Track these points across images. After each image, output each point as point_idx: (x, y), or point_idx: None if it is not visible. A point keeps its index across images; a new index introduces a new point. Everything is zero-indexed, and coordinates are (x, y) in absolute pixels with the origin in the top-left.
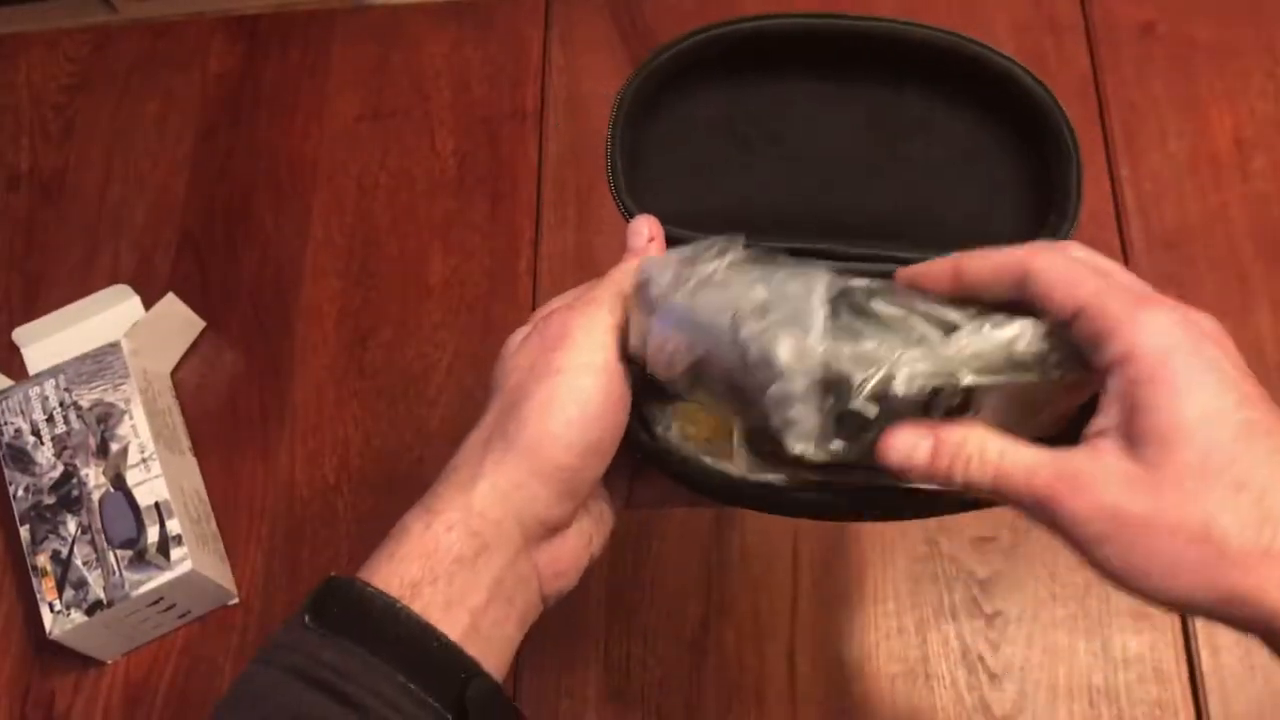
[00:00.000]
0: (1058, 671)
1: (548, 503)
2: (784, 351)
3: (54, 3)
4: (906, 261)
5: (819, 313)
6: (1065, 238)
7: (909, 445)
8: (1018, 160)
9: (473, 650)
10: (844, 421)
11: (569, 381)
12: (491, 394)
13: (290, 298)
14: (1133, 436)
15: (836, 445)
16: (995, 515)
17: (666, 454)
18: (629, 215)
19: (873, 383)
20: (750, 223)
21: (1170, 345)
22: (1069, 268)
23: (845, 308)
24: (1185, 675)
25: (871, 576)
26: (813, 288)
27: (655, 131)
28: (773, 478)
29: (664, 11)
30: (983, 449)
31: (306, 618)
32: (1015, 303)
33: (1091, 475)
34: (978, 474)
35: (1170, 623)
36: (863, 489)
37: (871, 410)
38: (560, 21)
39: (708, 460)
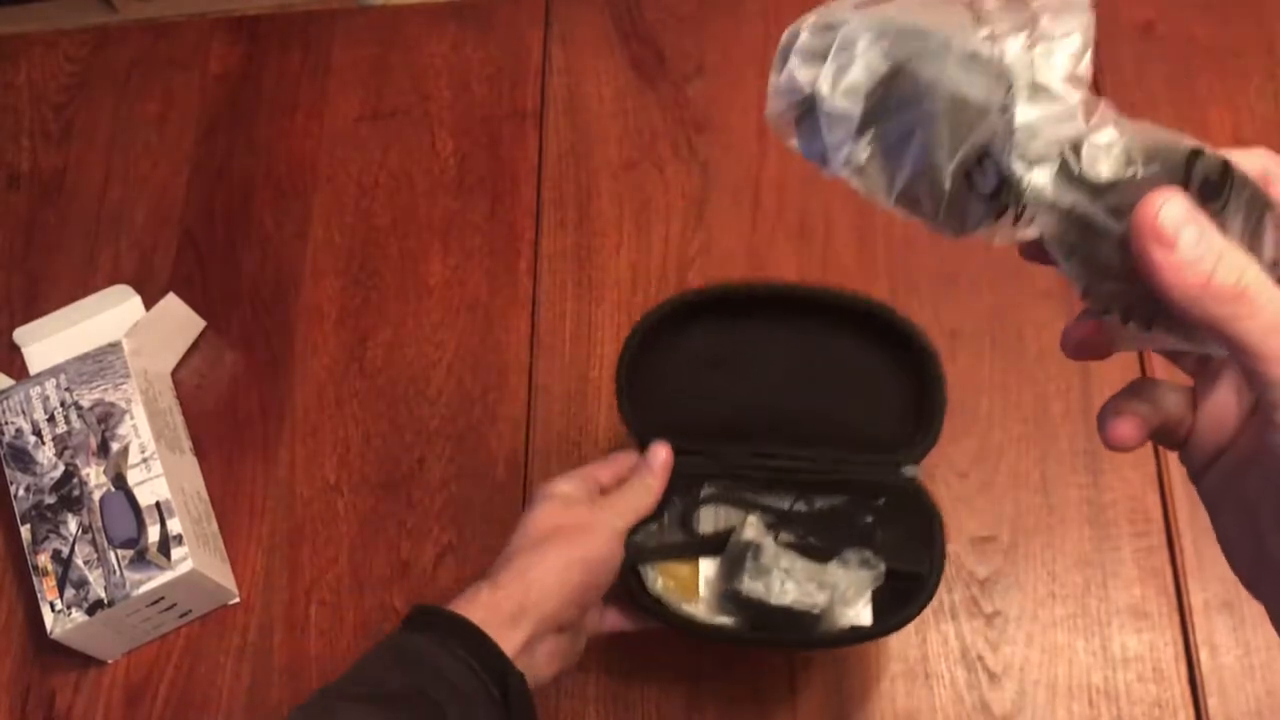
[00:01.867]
0: (1057, 671)
1: (558, 622)
2: (1049, 42)
3: (54, 3)
4: (819, 458)
5: (1086, 11)
6: (936, 436)
7: (1183, 216)
8: (901, 382)
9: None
10: (1089, 159)
11: (582, 561)
12: (522, 536)
13: (290, 298)
14: None
15: (1061, 192)
16: (996, 515)
17: (653, 600)
18: (632, 427)
19: (1147, 125)
20: (716, 425)
21: None
22: None
23: None
24: (1184, 675)
25: None
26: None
27: (651, 360)
28: (723, 620)
29: (664, 12)
30: (1255, 265)
31: (401, 626)
32: None
33: None
34: (1255, 289)
35: (1170, 622)
36: (792, 633)
37: (1139, 143)
38: (560, 21)
39: (680, 606)
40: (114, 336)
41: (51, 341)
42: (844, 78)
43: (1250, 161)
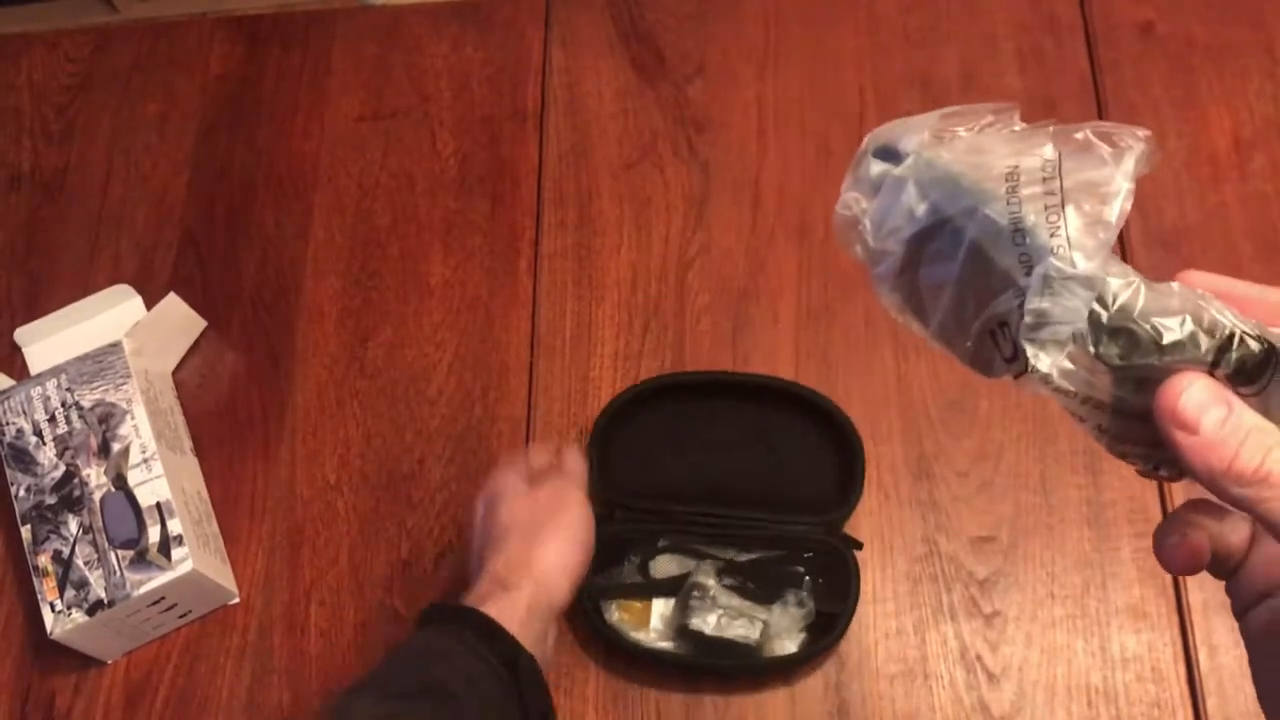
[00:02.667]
0: (1056, 671)
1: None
2: (1074, 229)
3: (55, 3)
4: (759, 517)
5: (1122, 192)
6: (857, 501)
7: (1204, 400)
8: (828, 454)
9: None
10: (1111, 339)
11: (577, 579)
12: (512, 526)
13: (291, 298)
14: None
15: (1080, 370)
16: (995, 515)
17: (609, 628)
18: (600, 493)
19: (1168, 306)
20: (672, 488)
21: None
22: None
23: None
24: (1183, 675)
25: (871, 576)
26: (1120, 166)
27: (618, 433)
28: (665, 645)
29: (664, 12)
30: (1277, 441)
31: (420, 619)
32: None
33: None
34: (1278, 466)
35: (1169, 623)
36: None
37: (1153, 332)
38: (560, 22)
39: (632, 633)
40: (114, 336)
41: (52, 341)
42: (887, 220)
43: None
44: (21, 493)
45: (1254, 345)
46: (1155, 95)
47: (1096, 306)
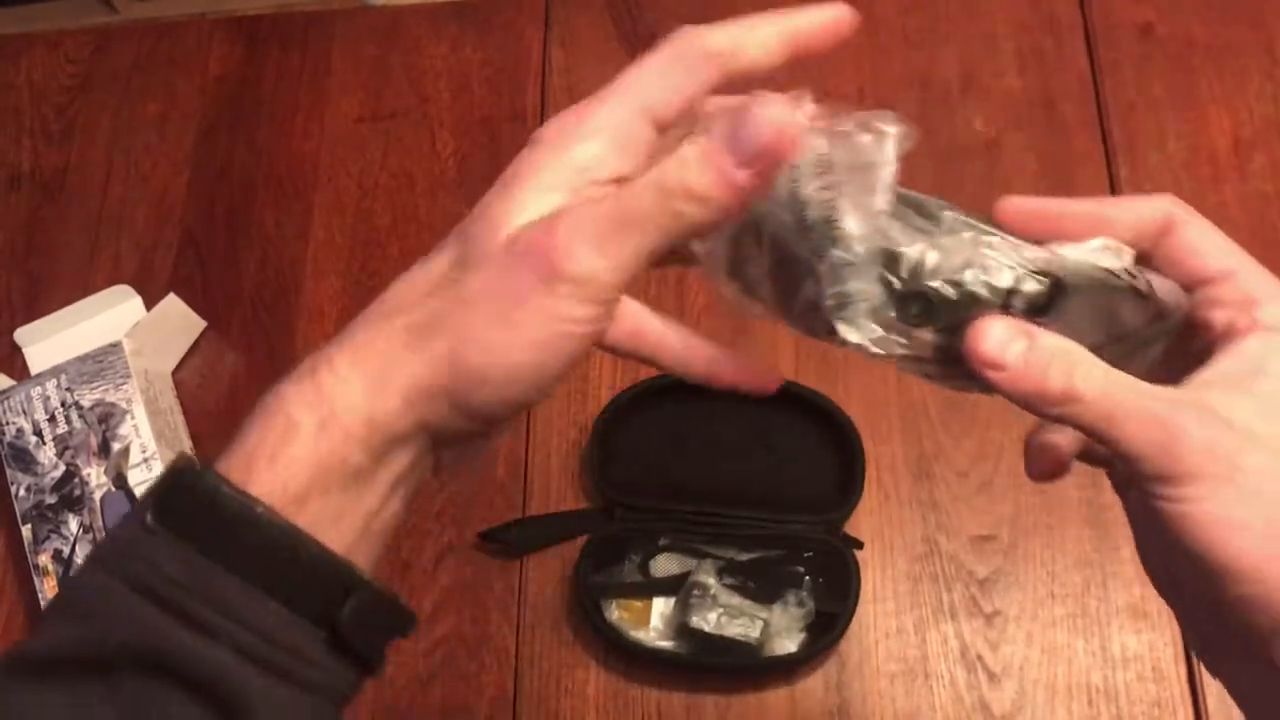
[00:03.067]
0: (1056, 671)
1: (470, 430)
2: (849, 217)
3: (55, 3)
4: (760, 517)
5: (888, 175)
6: (857, 501)
7: (1004, 338)
8: (829, 455)
9: (360, 554)
10: (909, 304)
11: (530, 343)
12: (460, 243)
13: (291, 298)
14: (1252, 397)
15: (892, 335)
16: (995, 515)
17: (609, 628)
18: (601, 492)
19: (952, 262)
20: (673, 487)
21: None
22: (1217, 232)
23: (910, 205)
24: (1184, 674)
25: (871, 576)
26: (882, 151)
27: (619, 432)
28: (665, 644)
29: (664, 12)
30: (1086, 359)
31: (148, 517)
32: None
33: (1215, 416)
34: (1082, 384)
35: (1169, 622)
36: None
37: (946, 291)
38: (560, 22)
39: (632, 632)
40: (114, 337)
41: (52, 342)
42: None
43: (1151, 207)
44: (22, 492)
45: (1035, 285)
46: (1155, 95)
47: (890, 276)
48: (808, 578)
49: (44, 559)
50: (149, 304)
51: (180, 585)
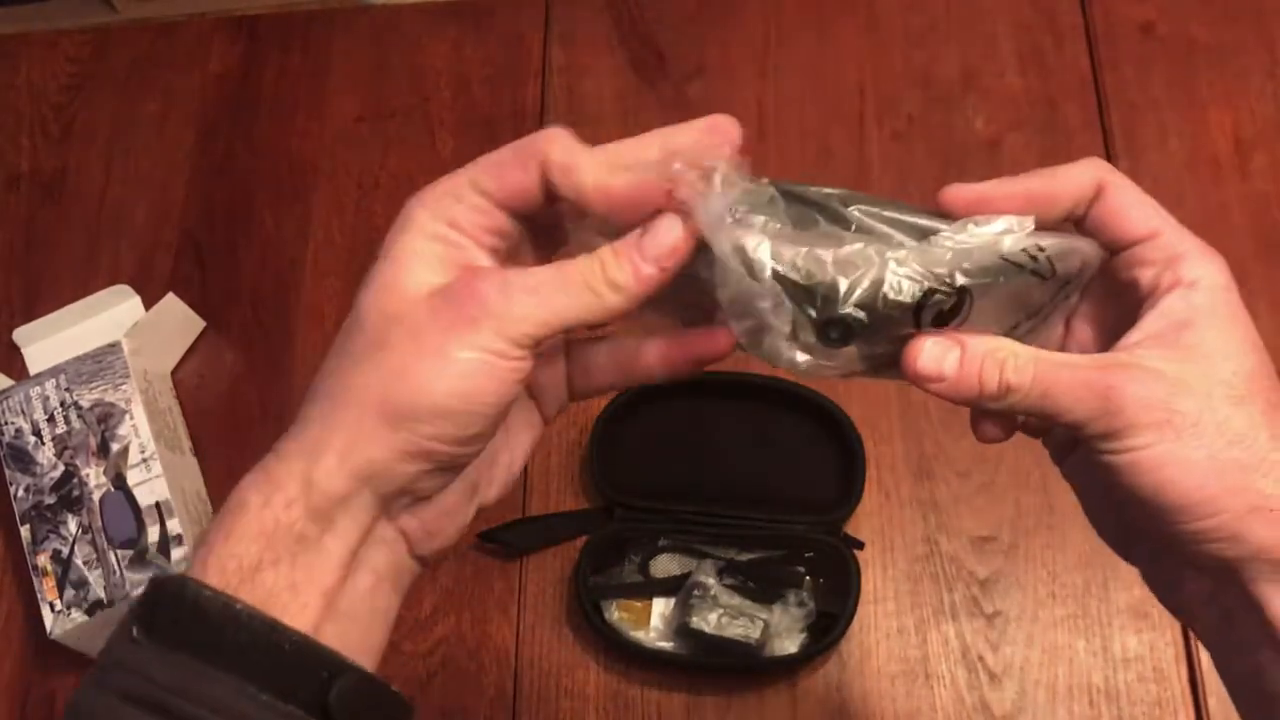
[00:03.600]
0: (1057, 671)
1: (412, 479)
2: (758, 252)
3: (54, 3)
4: (760, 517)
5: (721, 212)
6: (858, 501)
7: (938, 354)
8: (829, 454)
9: (332, 634)
10: (828, 330)
11: (456, 371)
12: (357, 323)
13: (290, 298)
14: (1179, 348)
15: (819, 356)
16: (996, 515)
17: (609, 628)
18: (600, 492)
19: (861, 287)
20: (673, 487)
21: (1229, 284)
22: (1143, 194)
23: (816, 210)
24: (1185, 675)
25: (872, 576)
26: (712, 192)
27: (620, 431)
28: (665, 645)
29: (664, 12)
30: (1015, 351)
31: (134, 630)
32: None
33: (1145, 369)
34: (1014, 376)
35: (1170, 623)
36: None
37: (860, 316)
38: (560, 21)
39: (632, 633)
40: (114, 336)
41: (51, 341)
42: None
43: (1082, 174)
44: (21, 492)
45: (942, 297)
46: (1156, 95)
47: (805, 308)
48: (808, 578)
49: (43, 559)
50: (148, 304)
51: (173, 690)
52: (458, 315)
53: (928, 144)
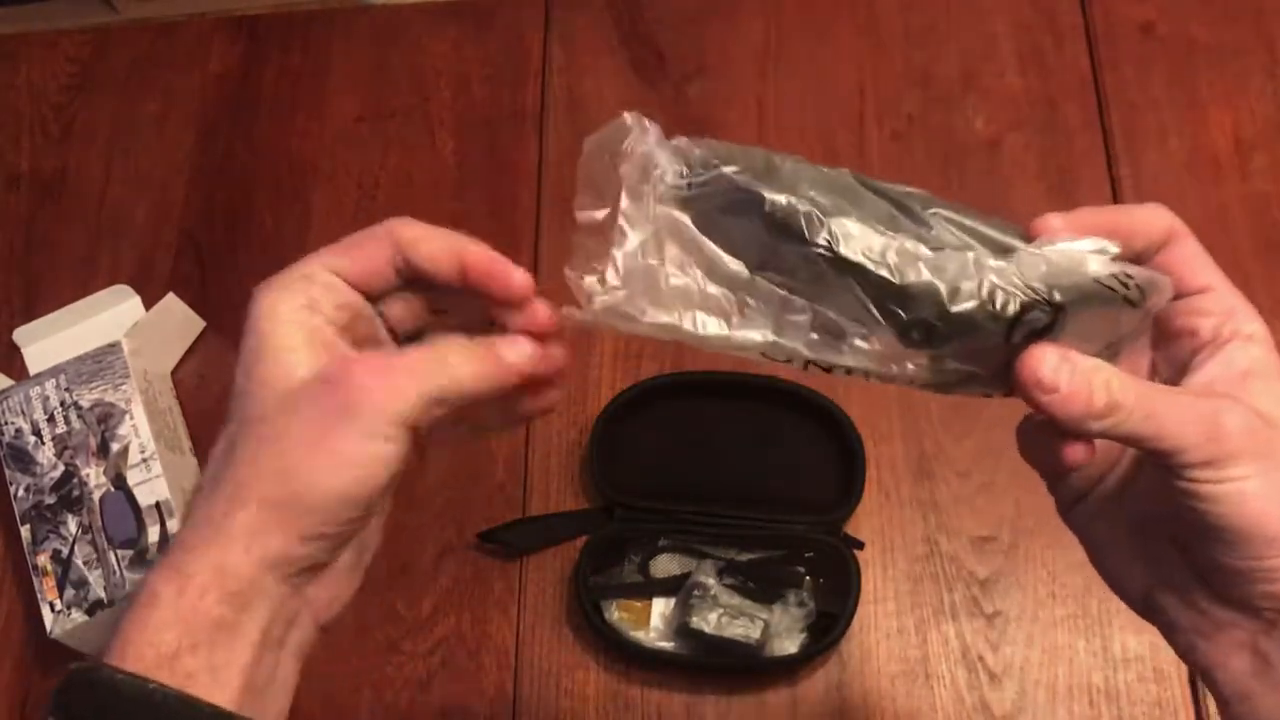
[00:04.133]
0: (1057, 671)
1: (313, 558)
2: (861, 243)
3: (54, 3)
4: (760, 517)
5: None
6: (858, 501)
7: (1055, 364)
8: (830, 455)
9: (250, 711)
10: (910, 330)
11: (346, 463)
12: (240, 417)
13: None
14: (1245, 393)
15: (889, 360)
16: (996, 515)
17: (609, 628)
18: (600, 492)
19: (962, 293)
20: (674, 487)
21: (1271, 340)
22: (1202, 248)
23: (896, 208)
24: (1185, 675)
25: (872, 577)
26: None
27: (620, 431)
28: (665, 645)
29: (664, 12)
30: (1115, 372)
31: (50, 719)
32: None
33: (1244, 403)
34: (1121, 395)
35: None
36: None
37: (955, 324)
38: (560, 22)
39: (632, 633)
40: (114, 337)
41: (51, 341)
42: None
43: (1157, 217)
44: (21, 492)
45: (1041, 314)
46: (1156, 95)
47: (895, 309)
48: (808, 578)
49: (43, 559)
50: (148, 304)
51: None
52: (340, 405)
53: (928, 144)
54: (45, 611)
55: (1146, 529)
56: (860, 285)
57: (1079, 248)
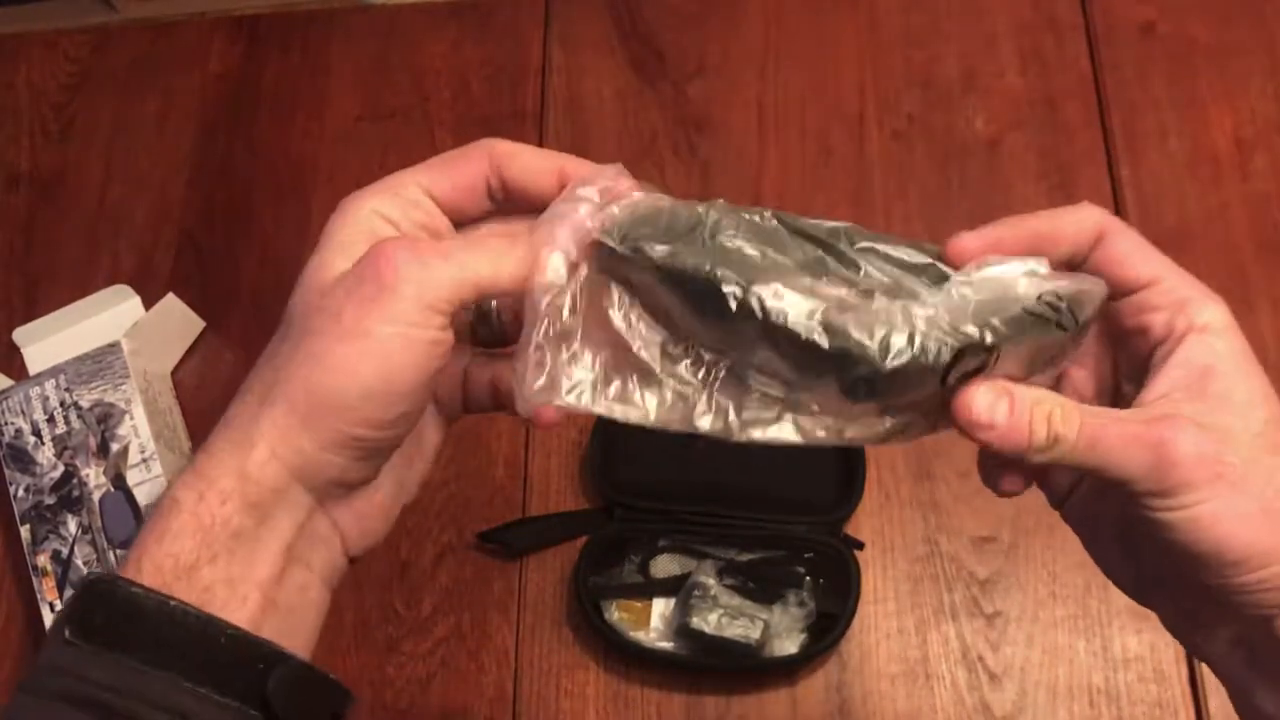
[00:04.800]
0: (1058, 671)
1: (343, 468)
2: (790, 311)
3: (54, 3)
4: (761, 518)
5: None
6: (858, 502)
7: (989, 403)
8: (830, 457)
9: (270, 628)
10: (855, 390)
11: (377, 350)
12: (287, 320)
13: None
14: (1210, 398)
15: (828, 418)
16: (996, 515)
17: (609, 628)
18: (600, 493)
19: (897, 345)
20: (674, 488)
21: (1236, 325)
22: (1142, 239)
23: (822, 249)
24: (1185, 675)
25: (872, 577)
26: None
27: (621, 434)
28: (665, 645)
29: (664, 12)
30: (1060, 402)
31: (67, 632)
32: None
33: (1192, 423)
34: (1063, 427)
35: None
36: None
37: (892, 378)
38: (560, 21)
39: (632, 633)
40: (113, 337)
41: (51, 341)
42: None
43: (1083, 218)
44: (20, 493)
45: (974, 359)
46: (1156, 95)
47: (843, 374)
48: (808, 578)
49: (43, 559)
50: (148, 304)
51: (110, 688)
52: (374, 285)
53: (928, 144)
54: (45, 611)
55: (1129, 530)
56: (793, 349)
57: (1007, 271)
